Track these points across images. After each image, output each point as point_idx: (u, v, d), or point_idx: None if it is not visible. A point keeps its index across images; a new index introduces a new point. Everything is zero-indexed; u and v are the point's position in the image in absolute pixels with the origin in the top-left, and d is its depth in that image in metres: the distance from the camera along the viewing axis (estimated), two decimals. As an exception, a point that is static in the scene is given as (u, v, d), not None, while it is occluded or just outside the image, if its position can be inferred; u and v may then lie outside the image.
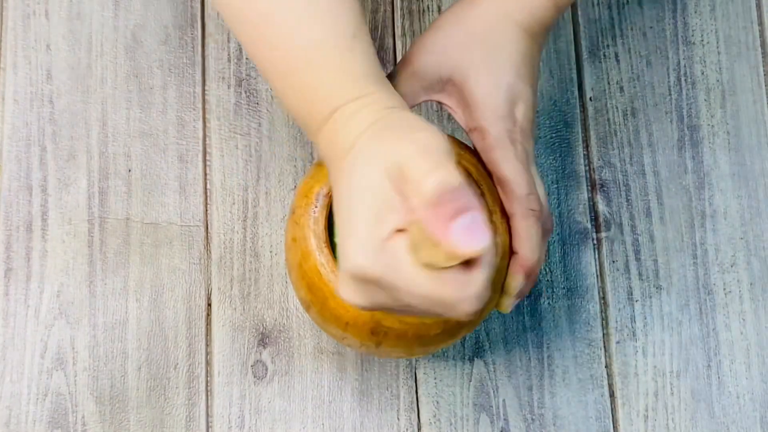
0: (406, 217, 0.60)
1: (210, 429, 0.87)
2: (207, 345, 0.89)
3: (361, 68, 0.69)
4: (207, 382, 0.88)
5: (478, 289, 0.60)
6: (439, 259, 0.59)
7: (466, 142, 0.78)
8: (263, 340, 0.89)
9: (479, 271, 0.60)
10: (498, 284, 0.76)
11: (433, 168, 0.60)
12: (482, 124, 0.75)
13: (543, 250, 0.76)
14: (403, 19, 0.96)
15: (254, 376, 0.88)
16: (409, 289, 0.60)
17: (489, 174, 0.76)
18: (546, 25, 0.78)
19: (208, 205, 0.91)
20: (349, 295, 0.63)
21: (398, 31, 0.96)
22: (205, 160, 0.92)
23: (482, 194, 0.76)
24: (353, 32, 0.70)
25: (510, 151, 0.74)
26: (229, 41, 0.95)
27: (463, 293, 0.60)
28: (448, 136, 0.77)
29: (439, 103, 0.78)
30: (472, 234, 0.58)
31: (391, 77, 0.77)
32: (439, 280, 0.60)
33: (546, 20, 0.77)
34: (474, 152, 0.76)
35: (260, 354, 0.88)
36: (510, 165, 0.74)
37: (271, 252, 0.90)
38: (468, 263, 0.60)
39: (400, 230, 0.61)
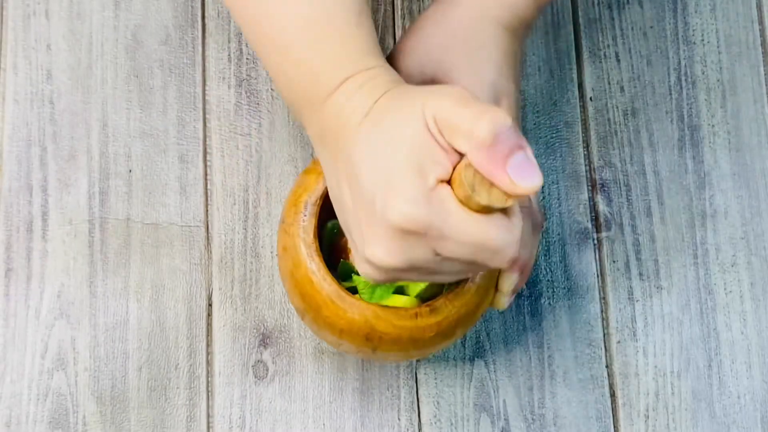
0: (449, 167, 0.62)
1: (211, 429, 0.87)
2: (208, 345, 0.89)
3: (368, 42, 0.70)
4: (208, 382, 0.88)
5: (520, 232, 0.63)
6: (495, 199, 0.60)
7: None
8: (264, 340, 0.89)
9: (517, 217, 0.63)
10: (492, 282, 0.76)
11: (482, 112, 0.61)
12: None
13: (535, 244, 0.77)
14: (404, 19, 0.96)
15: (255, 377, 0.88)
16: (458, 234, 0.62)
17: None
18: (526, 23, 0.78)
19: (209, 206, 0.91)
20: (383, 254, 0.64)
21: (398, 31, 0.96)
22: (205, 161, 0.92)
23: None
24: (360, 8, 0.70)
25: None
26: (229, 41, 0.95)
27: (509, 236, 0.62)
28: None
29: None
30: (528, 170, 0.60)
31: None
32: (487, 224, 0.62)
33: (526, 17, 0.77)
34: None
35: (261, 354, 0.88)
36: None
37: (271, 252, 0.90)
38: (504, 211, 0.63)
39: (442, 181, 0.62)
